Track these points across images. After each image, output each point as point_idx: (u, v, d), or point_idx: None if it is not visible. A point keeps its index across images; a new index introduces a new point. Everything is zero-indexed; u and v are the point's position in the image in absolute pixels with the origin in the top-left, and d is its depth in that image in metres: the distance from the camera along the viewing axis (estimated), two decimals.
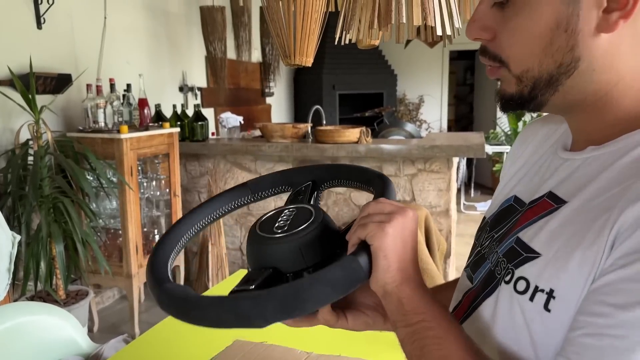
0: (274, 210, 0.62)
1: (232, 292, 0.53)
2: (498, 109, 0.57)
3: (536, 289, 0.48)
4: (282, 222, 0.58)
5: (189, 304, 0.50)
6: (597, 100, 0.51)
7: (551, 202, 0.52)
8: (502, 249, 0.55)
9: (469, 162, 6.00)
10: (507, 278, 0.52)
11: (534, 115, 4.16)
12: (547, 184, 0.55)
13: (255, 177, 0.73)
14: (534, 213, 0.54)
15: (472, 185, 6.20)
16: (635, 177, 0.46)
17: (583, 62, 0.49)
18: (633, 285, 0.41)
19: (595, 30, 0.47)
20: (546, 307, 0.47)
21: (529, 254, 0.51)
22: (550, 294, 0.47)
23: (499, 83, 0.56)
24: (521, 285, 0.50)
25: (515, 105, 0.54)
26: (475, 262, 0.63)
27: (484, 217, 0.67)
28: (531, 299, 0.49)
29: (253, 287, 0.51)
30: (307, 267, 0.55)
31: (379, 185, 0.64)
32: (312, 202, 0.66)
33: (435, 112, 6.83)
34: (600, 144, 0.51)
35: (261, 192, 0.72)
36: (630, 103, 0.50)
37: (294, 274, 0.55)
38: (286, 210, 0.61)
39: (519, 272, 0.51)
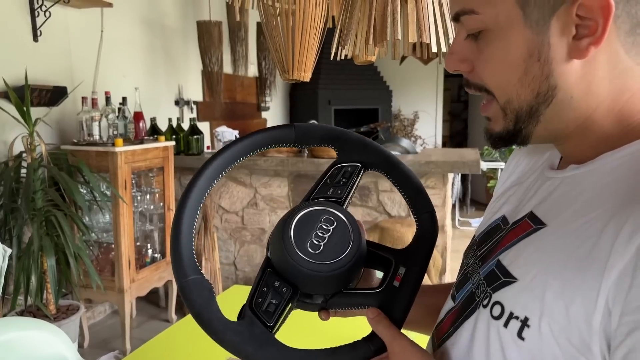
0: (312, 207, 0.59)
1: (250, 308, 0.55)
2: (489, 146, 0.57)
3: (511, 315, 0.48)
4: (317, 239, 0.57)
5: (203, 315, 0.53)
6: (578, 126, 0.50)
7: (530, 223, 0.52)
8: (484, 271, 0.55)
9: (464, 178, 6.01)
10: (485, 302, 0.52)
11: None
12: (530, 203, 0.55)
13: (305, 123, 0.70)
14: (515, 234, 0.53)
15: (467, 201, 6.21)
16: (620, 203, 0.44)
17: (560, 90, 0.48)
18: None
19: (568, 57, 0.47)
20: (520, 335, 0.46)
21: (507, 279, 0.50)
22: (525, 322, 0.46)
23: (488, 122, 0.56)
24: (496, 310, 0.49)
25: (504, 141, 0.54)
26: (459, 281, 0.62)
27: (474, 236, 0.67)
28: (505, 325, 0.48)
29: (272, 325, 0.54)
30: (325, 294, 0.58)
31: (424, 224, 0.64)
32: (350, 194, 0.65)
33: (429, 128, 6.87)
34: (582, 163, 0.51)
35: (305, 144, 0.70)
36: (611, 124, 0.49)
37: (307, 295, 0.58)
38: (325, 218, 0.58)
39: (495, 297, 0.50)
